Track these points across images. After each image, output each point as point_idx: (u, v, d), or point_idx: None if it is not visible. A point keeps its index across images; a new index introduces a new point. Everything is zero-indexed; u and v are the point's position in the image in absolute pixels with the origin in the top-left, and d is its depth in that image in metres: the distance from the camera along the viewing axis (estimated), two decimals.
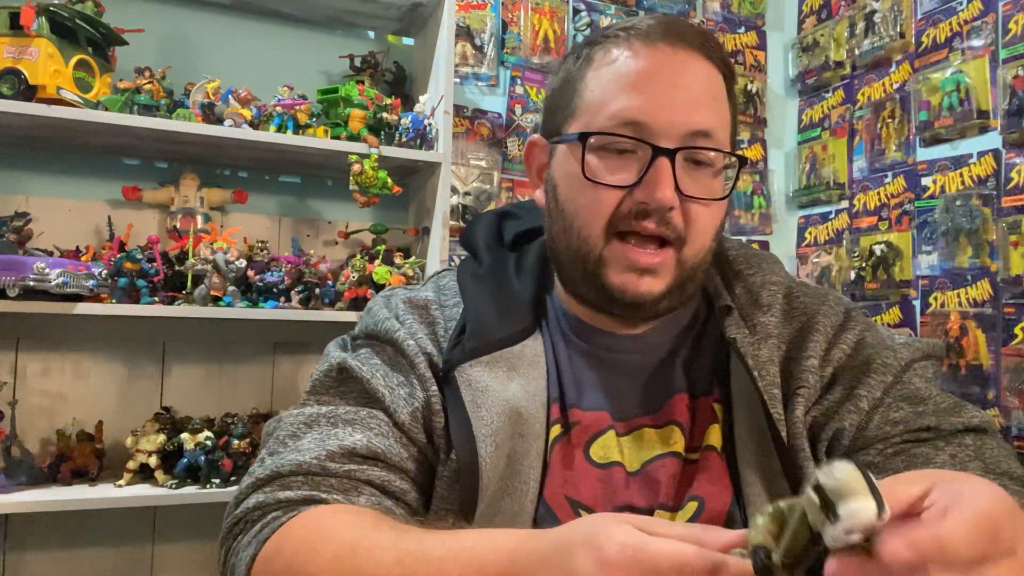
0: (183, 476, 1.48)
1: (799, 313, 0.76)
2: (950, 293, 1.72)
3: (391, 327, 0.74)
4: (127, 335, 1.67)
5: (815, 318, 0.74)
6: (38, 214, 1.59)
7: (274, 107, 1.60)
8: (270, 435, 0.73)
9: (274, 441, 0.71)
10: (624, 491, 0.70)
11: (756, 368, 0.69)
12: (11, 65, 1.39)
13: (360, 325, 0.80)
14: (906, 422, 0.68)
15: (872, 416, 0.69)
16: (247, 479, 0.68)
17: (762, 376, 0.69)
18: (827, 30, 2.16)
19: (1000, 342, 1.60)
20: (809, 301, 0.77)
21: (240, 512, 0.66)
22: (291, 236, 1.85)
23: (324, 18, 1.88)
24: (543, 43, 2.11)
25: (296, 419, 0.71)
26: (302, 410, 0.73)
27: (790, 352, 0.73)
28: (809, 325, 0.74)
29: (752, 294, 0.76)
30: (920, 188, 1.83)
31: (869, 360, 0.71)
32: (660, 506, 0.69)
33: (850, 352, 0.73)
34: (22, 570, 1.56)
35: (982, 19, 1.70)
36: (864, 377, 0.70)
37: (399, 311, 0.77)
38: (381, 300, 0.81)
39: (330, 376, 0.75)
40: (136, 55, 1.63)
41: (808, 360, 0.71)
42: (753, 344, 0.71)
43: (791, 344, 0.74)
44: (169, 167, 1.75)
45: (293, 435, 0.70)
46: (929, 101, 1.81)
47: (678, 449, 0.72)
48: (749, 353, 0.71)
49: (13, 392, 1.56)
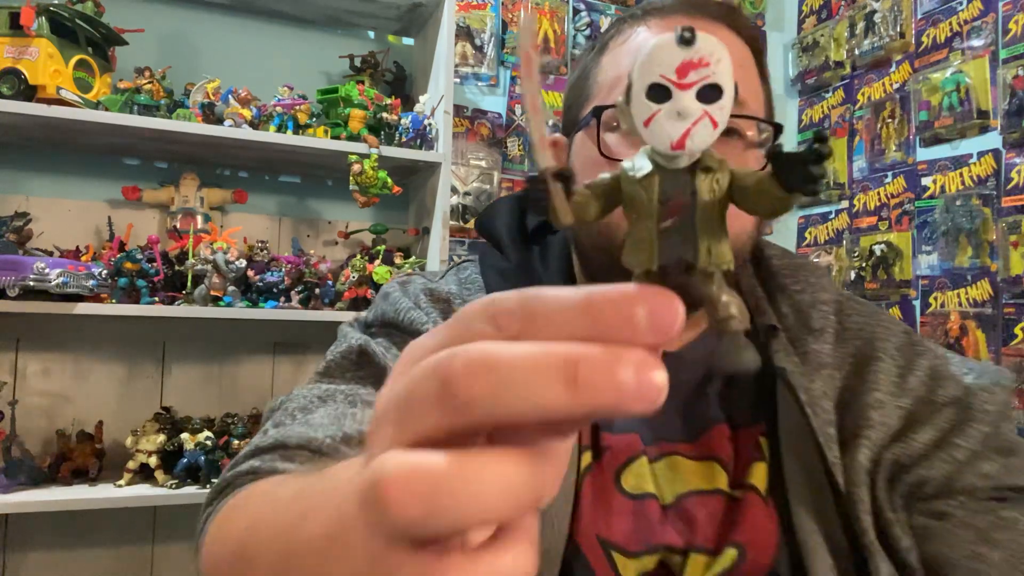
0: (183, 476, 1.48)
1: (853, 335, 0.68)
2: (950, 293, 1.72)
3: (416, 319, 0.67)
4: (127, 335, 1.67)
5: (873, 343, 0.66)
6: (38, 214, 1.60)
7: (274, 107, 1.60)
8: (275, 409, 0.64)
9: (282, 412, 0.62)
10: (659, 528, 0.61)
11: (809, 404, 0.61)
12: (11, 65, 1.39)
13: (375, 311, 0.71)
14: (996, 477, 0.61)
15: (964, 467, 0.61)
16: (246, 449, 0.60)
17: (816, 413, 0.61)
18: (827, 30, 2.16)
19: (1000, 342, 1.60)
20: (863, 321, 0.69)
21: (230, 475, 0.56)
22: (291, 236, 1.85)
23: (324, 18, 1.88)
24: (543, 43, 2.11)
25: (310, 392, 0.63)
26: (317, 385, 0.64)
27: (847, 382, 0.65)
28: (868, 351, 0.66)
29: (801, 315, 0.68)
30: (920, 188, 1.83)
31: (964, 402, 0.63)
32: (697, 548, 0.61)
33: (927, 381, 0.64)
34: (22, 570, 1.56)
35: (982, 19, 1.70)
36: (963, 425, 0.61)
37: (421, 301, 0.69)
38: (398, 287, 0.72)
39: (348, 358, 0.67)
40: (136, 55, 1.63)
41: (872, 394, 0.63)
42: (805, 376, 0.63)
43: (848, 373, 0.66)
44: (169, 167, 1.75)
45: (303, 408, 0.61)
46: (929, 101, 1.81)
47: (720, 486, 0.63)
48: (801, 386, 0.62)
49: (13, 392, 1.56)
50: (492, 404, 0.21)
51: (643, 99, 0.26)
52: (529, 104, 0.27)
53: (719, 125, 0.26)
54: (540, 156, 0.27)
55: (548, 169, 0.27)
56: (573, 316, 0.22)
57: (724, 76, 0.25)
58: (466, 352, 0.22)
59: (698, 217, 0.27)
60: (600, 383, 0.21)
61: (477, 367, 0.22)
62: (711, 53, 0.25)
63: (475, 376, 0.22)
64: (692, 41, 0.25)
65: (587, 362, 0.21)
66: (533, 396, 0.21)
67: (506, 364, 0.22)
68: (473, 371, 0.22)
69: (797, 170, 0.25)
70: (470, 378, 0.22)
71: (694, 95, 0.25)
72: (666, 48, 0.25)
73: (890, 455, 0.61)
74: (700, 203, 0.27)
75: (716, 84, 0.25)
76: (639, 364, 0.21)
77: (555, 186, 0.27)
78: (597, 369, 0.21)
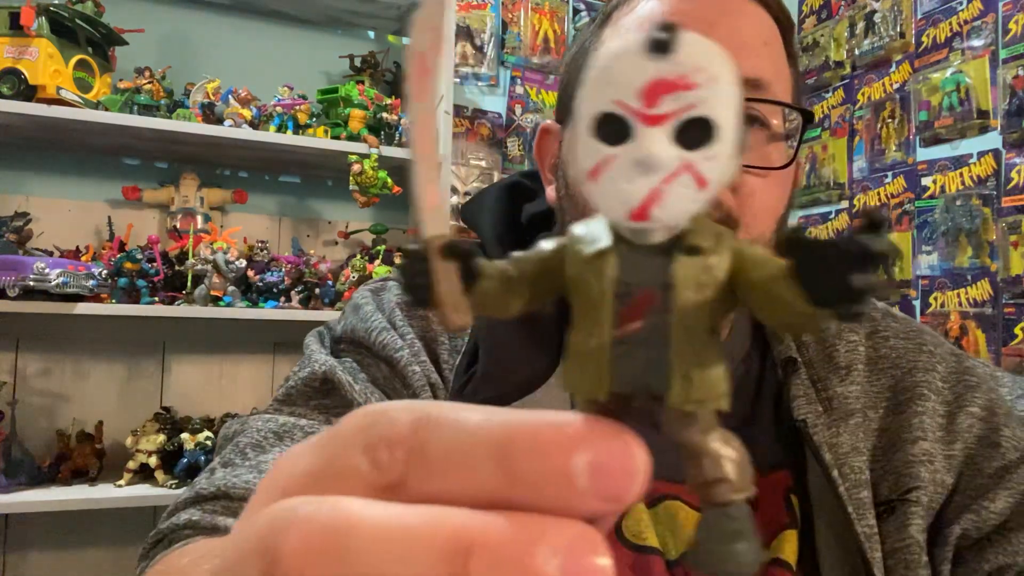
0: (183, 476, 1.48)
1: (890, 364, 0.56)
2: (950, 293, 1.72)
3: (390, 342, 0.57)
4: (127, 335, 1.67)
5: (914, 374, 0.55)
6: (38, 214, 1.60)
7: (274, 107, 1.60)
8: (228, 439, 0.56)
9: (232, 448, 0.54)
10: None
11: (835, 465, 0.51)
12: (11, 65, 1.39)
13: (345, 324, 0.61)
14: None
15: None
16: (187, 491, 0.52)
17: (844, 475, 0.51)
18: (827, 30, 2.16)
19: (1000, 342, 1.60)
20: (902, 346, 0.57)
21: (166, 527, 0.50)
22: (291, 236, 1.85)
23: (324, 18, 1.88)
24: (543, 43, 2.11)
25: (265, 425, 0.54)
26: (274, 417, 0.56)
27: (885, 422, 0.54)
28: (908, 384, 0.55)
29: (825, 348, 0.57)
30: (920, 188, 1.83)
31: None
32: None
33: (985, 420, 0.53)
34: (22, 570, 1.56)
35: (982, 19, 1.70)
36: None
37: (395, 318, 0.59)
38: (369, 296, 0.62)
39: (311, 385, 0.57)
40: (136, 55, 1.63)
41: (919, 444, 0.52)
42: (830, 427, 0.53)
43: (886, 411, 0.55)
44: (169, 167, 1.75)
45: (257, 445, 0.53)
46: (929, 101, 1.81)
47: None
48: (824, 443, 0.52)
49: (13, 392, 1.56)
50: None
51: (588, 137, 0.17)
52: (417, 133, 0.18)
53: (708, 184, 0.16)
54: (425, 217, 0.18)
55: (433, 240, 0.18)
56: (479, 461, 0.15)
57: (720, 106, 0.16)
58: (307, 521, 0.15)
59: (675, 326, 0.17)
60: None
61: (317, 544, 0.15)
62: (700, 68, 0.16)
63: (312, 561, 0.15)
64: (669, 47, 0.16)
65: (485, 550, 0.14)
66: None
67: (361, 546, 0.15)
68: (309, 551, 0.15)
69: (831, 278, 0.16)
70: (304, 564, 0.15)
71: (669, 134, 0.16)
72: (628, 58, 0.16)
73: (957, 529, 0.50)
74: (679, 303, 0.17)
75: (706, 118, 0.16)
76: (568, 550, 0.14)
77: (443, 267, 0.18)
78: (500, 560, 0.14)
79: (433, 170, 0.18)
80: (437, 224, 0.18)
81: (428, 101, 0.18)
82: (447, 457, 0.16)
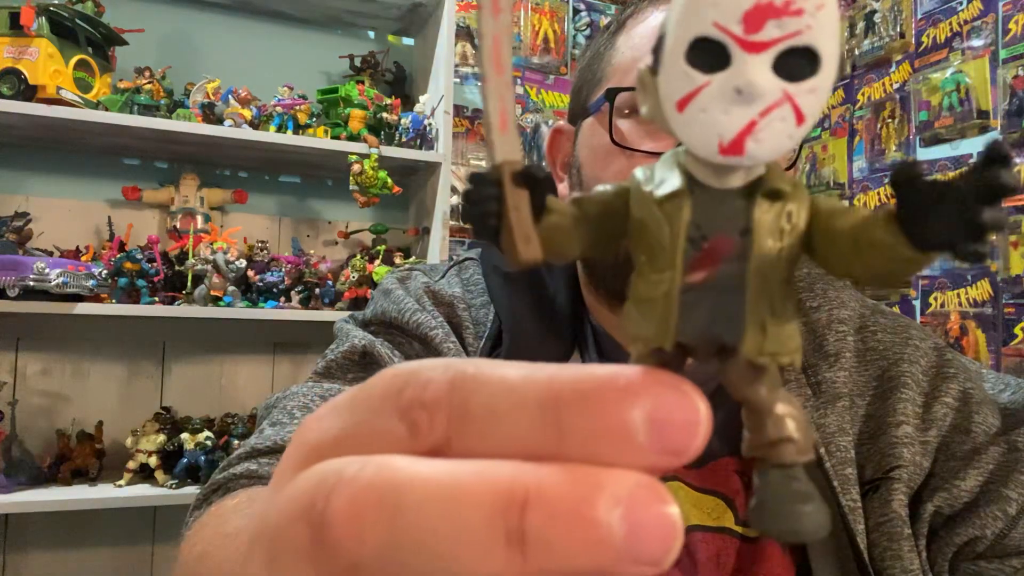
0: (183, 476, 1.48)
1: (877, 356, 0.59)
2: (950, 293, 1.72)
3: (424, 321, 0.59)
4: (127, 335, 1.67)
5: (899, 365, 0.58)
6: (38, 214, 1.60)
7: (274, 107, 1.60)
8: (270, 408, 0.58)
9: (280, 411, 0.56)
10: None
11: (822, 443, 0.54)
12: (11, 65, 1.39)
13: (374, 308, 0.63)
14: None
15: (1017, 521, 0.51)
16: (242, 448, 0.54)
17: (830, 452, 0.54)
18: None
19: (1000, 342, 1.60)
20: (889, 340, 0.60)
21: (222, 478, 0.51)
22: (291, 236, 1.85)
23: (324, 18, 1.88)
24: (543, 43, 2.11)
25: (311, 391, 0.56)
26: (319, 383, 0.58)
27: (872, 409, 0.57)
28: (893, 375, 0.58)
29: (815, 337, 0.59)
30: None
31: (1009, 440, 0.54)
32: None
33: (958, 409, 0.56)
34: (22, 570, 1.56)
35: (982, 19, 1.70)
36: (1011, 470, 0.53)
37: (425, 303, 0.61)
38: (397, 283, 0.65)
39: (351, 359, 0.59)
40: (136, 55, 1.63)
41: (902, 428, 0.55)
42: (817, 410, 0.56)
43: (872, 399, 0.58)
44: (169, 167, 1.75)
45: (304, 407, 0.55)
46: (929, 101, 1.81)
47: (727, 525, 0.56)
48: (812, 423, 0.55)
49: (13, 392, 1.56)
50: (390, 567, 0.14)
51: (681, 63, 0.16)
52: (489, 50, 0.17)
53: (806, 120, 0.16)
54: (496, 140, 0.17)
55: (505, 164, 0.17)
56: (526, 415, 0.15)
57: (825, 35, 0.15)
58: (353, 481, 0.15)
59: (751, 273, 0.16)
60: (562, 537, 0.13)
61: (367, 507, 0.14)
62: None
63: (363, 523, 0.14)
64: None
65: (541, 502, 0.13)
66: (453, 560, 0.14)
67: (413, 504, 0.14)
68: (360, 514, 0.14)
69: (952, 213, 0.15)
70: (355, 526, 0.14)
71: (770, 63, 0.15)
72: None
73: (931, 507, 0.53)
74: (758, 251, 0.16)
75: (810, 48, 0.15)
76: (631, 500, 0.14)
77: (515, 193, 0.17)
78: (558, 512, 0.13)
79: (506, 90, 0.17)
80: (508, 149, 0.17)
81: (503, 16, 0.17)
82: (491, 415, 0.15)
